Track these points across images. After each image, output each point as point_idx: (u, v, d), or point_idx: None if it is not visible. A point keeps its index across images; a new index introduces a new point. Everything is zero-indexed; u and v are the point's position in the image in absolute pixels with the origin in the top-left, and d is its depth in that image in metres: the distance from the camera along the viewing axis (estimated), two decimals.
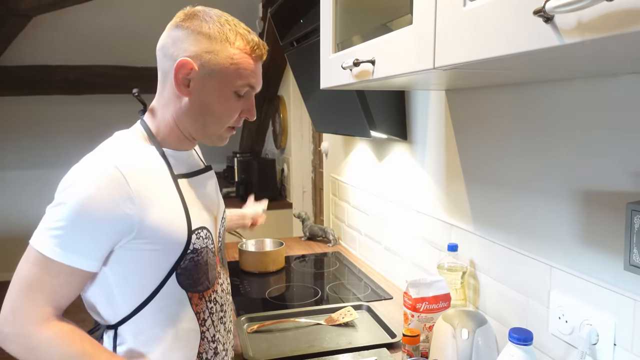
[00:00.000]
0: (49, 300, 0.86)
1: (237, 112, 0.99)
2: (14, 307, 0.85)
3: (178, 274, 0.94)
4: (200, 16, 0.93)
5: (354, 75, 1.03)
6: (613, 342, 0.87)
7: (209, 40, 0.92)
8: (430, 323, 1.18)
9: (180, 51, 0.92)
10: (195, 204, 0.99)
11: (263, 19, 3.87)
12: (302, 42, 1.86)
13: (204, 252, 0.99)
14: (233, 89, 0.95)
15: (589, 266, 0.94)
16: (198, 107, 0.95)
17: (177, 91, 0.93)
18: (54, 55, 4.16)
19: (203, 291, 1.00)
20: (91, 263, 0.87)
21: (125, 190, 0.86)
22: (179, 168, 1.00)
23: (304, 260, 2.14)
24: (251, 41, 0.95)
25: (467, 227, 1.34)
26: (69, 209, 0.84)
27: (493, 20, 0.58)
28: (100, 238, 0.86)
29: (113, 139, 0.97)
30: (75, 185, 0.85)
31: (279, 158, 4.32)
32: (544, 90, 1.03)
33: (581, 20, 0.46)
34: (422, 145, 1.59)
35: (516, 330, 0.86)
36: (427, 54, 0.73)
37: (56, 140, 4.65)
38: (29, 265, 0.86)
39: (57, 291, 0.86)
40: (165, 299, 0.94)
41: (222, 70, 0.93)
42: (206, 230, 1.00)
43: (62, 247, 0.84)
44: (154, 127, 0.99)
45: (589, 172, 0.93)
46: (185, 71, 0.91)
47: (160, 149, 0.97)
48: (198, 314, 0.99)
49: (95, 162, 0.88)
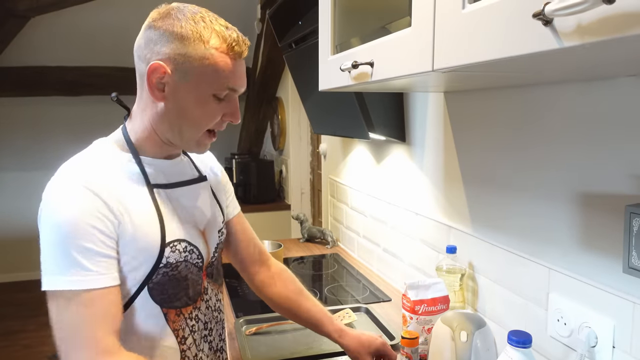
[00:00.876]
0: (105, 330, 0.80)
1: (217, 116, 0.91)
2: (78, 358, 0.78)
3: (150, 288, 0.89)
4: (172, 14, 0.86)
5: (353, 77, 1.03)
6: (612, 345, 0.87)
7: (182, 41, 0.84)
8: (429, 325, 1.18)
9: (153, 54, 0.86)
10: (173, 216, 0.93)
11: (261, 21, 3.87)
12: (300, 44, 1.85)
13: (182, 267, 0.93)
14: (211, 92, 0.87)
15: (588, 269, 0.94)
16: (174, 112, 0.88)
17: (151, 96, 0.88)
18: (51, 56, 4.15)
19: (181, 307, 0.94)
20: (111, 275, 0.82)
21: (100, 204, 0.82)
22: (158, 177, 0.94)
23: (302, 262, 2.14)
24: (228, 38, 0.87)
25: (465, 229, 1.33)
26: (61, 239, 0.79)
27: (492, 22, 0.58)
28: (103, 248, 0.82)
29: (88, 149, 0.93)
30: (52, 213, 0.81)
31: (277, 159, 4.31)
32: (542, 93, 1.03)
33: (581, 24, 0.45)
34: (420, 147, 1.59)
35: (515, 332, 0.86)
36: (426, 56, 0.73)
37: (53, 141, 4.65)
38: (61, 310, 0.79)
39: (106, 315, 0.80)
40: (138, 313, 0.89)
41: (196, 72, 0.85)
42: (186, 243, 0.94)
43: (77, 274, 0.79)
44: (132, 134, 0.94)
45: (588, 175, 0.93)
46: (158, 75, 0.85)
47: (136, 158, 0.92)
48: (176, 331, 0.94)
49: (63, 184, 0.84)
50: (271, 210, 3.91)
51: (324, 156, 2.69)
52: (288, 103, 3.86)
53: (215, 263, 1.05)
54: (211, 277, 1.04)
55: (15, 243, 4.68)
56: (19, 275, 4.67)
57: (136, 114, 0.94)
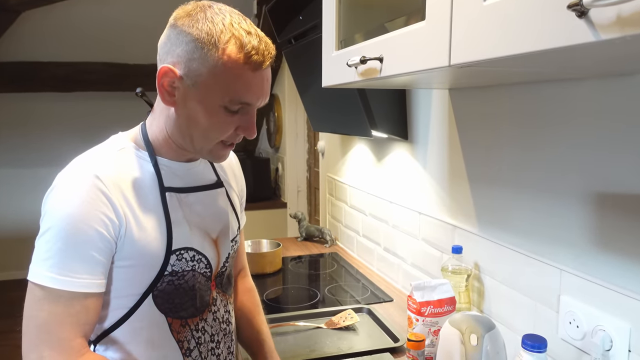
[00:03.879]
0: (76, 332, 0.77)
1: (229, 128, 0.84)
2: (42, 356, 0.76)
3: (155, 296, 0.86)
4: (194, 14, 0.80)
5: (360, 73, 1.00)
6: (628, 348, 0.85)
7: (196, 44, 0.77)
8: (435, 327, 1.16)
9: (167, 55, 0.81)
10: (183, 222, 0.89)
11: (257, 16, 3.82)
12: (300, 40, 1.82)
13: (188, 276, 0.89)
14: (220, 103, 0.80)
15: (602, 270, 0.91)
16: (184, 119, 0.83)
17: (162, 100, 0.83)
18: (43, 51, 4.08)
19: (187, 318, 0.90)
20: (97, 282, 0.79)
21: (106, 204, 0.79)
22: (172, 180, 0.89)
23: (300, 261, 2.11)
24: (247, 44, 0.78)
25: (471, 229, 1.31)
26: (57, 231, 0.76)
27: (519, 15, 0.55)
28: (97, 252, 0.79)
29: (105, 144, 0.89)
30: (55, 204, 0.78)
31: (273, 157, 4.28)
32: (554, 89, 1.00)
33: (621, 15, 0.43)
34: (423, 145, 1.56)
35: (529, 336, 0.84)
36: (442, 51, 0.70)
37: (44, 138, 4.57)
38: (37, 304, 0.77)
39: (80, 319, 0.78)
40: (142, 321, 0.86)
41: (206, 81, 0.78)
42: (194, 252, 0.90)
43: (62, 273, 0.76)
44: (151, 133, 0.89)
45: (605, 175, 0.90)
46: (168, 79, 0.80)
47: (152, 158, 0.87)
48: (181, 342, 0.90)
49: (75, 174, 0.80)
50: (267, 209, 3.87)
51: (322, 154, 2.66)
52: (285, 100, 3.82)
53: (225, 272, 1.01)
54: (220, 286, 0.99)
55: (6, 241, 4.61)
56: (10, 274, 4.60)
57: (156, 113, 0.89)
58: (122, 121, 1.13)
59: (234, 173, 1.10)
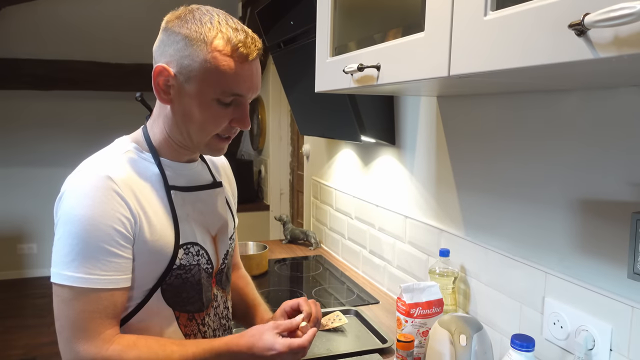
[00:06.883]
0: (106, 325, 0.82)
1: (224, 121, 0.88)
2: (78, 351, 0.80)
3: (164, 290, 0.89)
4: (183, 16, 0.85)
5: (356, 80, 1.02)
6: (609, 348, 0.90)
7: (186, 42, 0.83)
8: (423, 328, 1.19)
9: (161, 56, 0.86)
10: (188, 219, 0.94)
11: (242, 19, 3.83)
12: (290, 44, 1.84)
13: (195, 270, 0.93)
14: (213, 96, 0.85)
15: (585, 273, 0.96)
16: (180, 115, 0.88)
17: (158, 98, 0.88)
18: (23, 48, 4.00)
19: (194, 312, 0.94)
20: (123, 277, 0.83)
21: (121, 203, 0.83)
22: (176, 180, 0.94)
23: (285, 263, 2.12)
24: (233, 39, 0.83)
25: (457, 233, 1.35)
26: (77, 233, 0.80)
27: (518, 30, 0.58)
28: (119, 249, 0.82)
29: (110, 147, 0.93)
30: (72, 208, 0.81)
31: (256, 159, 4.28)
32: (541, 100, 1.05)
33: (618, 35, 0.46)
34: (411, 150, 1.59)
35: (518, 336, 0.87)
36: (441, 61, 0.73)
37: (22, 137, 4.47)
38: (67, 305, 0.81)
39: (109, 313, 0.82)
40: (151, 314, 0.89)
41: (198, 76, 0.83)
42: (198, 247, 0.94)
43: (89, 272, 0.80)
44: (152, 135, 0.94)
45: (588, 182, 0.95)
46: (162, 78, 0.85)
47: (156, 159, 0.92)
48: (188, 335, 0.94)
49: (88, 177, 0.84)
50: (250, 211, 3.87)
51: (307, 157, 2.68)
52: (269, 103, 3.83)
53: (224, 270, 1.05)
54: (220, 283, 1.04)
55: None
56: None
57: (155, 116, 0.94)
58: (102, 119, 1.12)
59: (227, 175, 1.16)
